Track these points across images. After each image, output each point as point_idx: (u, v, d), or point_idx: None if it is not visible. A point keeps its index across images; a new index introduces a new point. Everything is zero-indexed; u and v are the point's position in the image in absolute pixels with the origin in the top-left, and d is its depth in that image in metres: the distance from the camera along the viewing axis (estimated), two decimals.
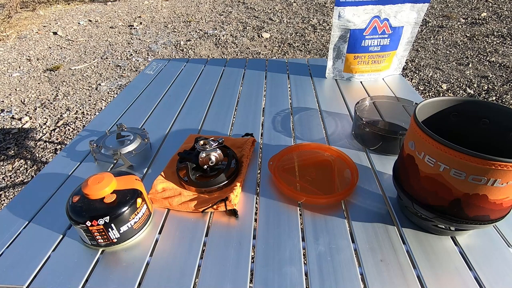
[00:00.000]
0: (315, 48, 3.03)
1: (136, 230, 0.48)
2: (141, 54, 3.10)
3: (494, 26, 3.26)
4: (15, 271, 0.44)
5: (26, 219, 0.53)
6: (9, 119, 2.16)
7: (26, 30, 3.85)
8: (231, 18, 4.02)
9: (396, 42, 0.93)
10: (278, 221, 0.51)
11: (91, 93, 2.45)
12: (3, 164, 1.77)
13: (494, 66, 2.52)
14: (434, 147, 0.40)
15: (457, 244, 0.47)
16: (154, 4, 4.82)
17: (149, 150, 0.70)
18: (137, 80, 1.05)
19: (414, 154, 0.44)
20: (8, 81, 2.69)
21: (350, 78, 1.00)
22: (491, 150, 0.36)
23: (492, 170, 0.36)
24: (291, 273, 0.43)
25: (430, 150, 0.41)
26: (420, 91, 2.26)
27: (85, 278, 0.43)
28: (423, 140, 0.41)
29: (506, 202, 0.40)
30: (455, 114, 0.50)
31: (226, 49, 3.12)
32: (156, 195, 0.56)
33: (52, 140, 1.95)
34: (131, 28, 3.82)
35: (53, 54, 3.19)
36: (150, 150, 0.70)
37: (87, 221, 0.43)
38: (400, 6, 0.87)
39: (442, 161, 0.39)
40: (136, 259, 0.46)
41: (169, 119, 0.82)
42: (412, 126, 0.45)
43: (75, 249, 0.48)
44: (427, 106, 0.49)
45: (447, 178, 0.40)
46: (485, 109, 0.48)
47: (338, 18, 0.89)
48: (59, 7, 4.78)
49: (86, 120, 2.12)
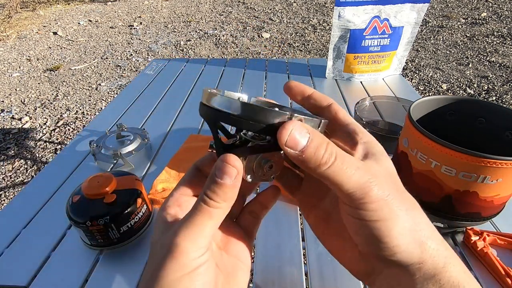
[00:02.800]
0: (315, 48, 3.04)
1: (136, 230, 0.48)
2: (141, 54, 3.10)
3: (494, 26, 3.26)
4: (15, 271, 0.44)
5: (26, 219, 0.53)
6: (9, 119, 2.16)
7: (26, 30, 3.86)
8: (231, 18, 4.02)
9: (396, 42, 0.93)
10: (278, 221, 0.51)
11: (91, 93, 2.45)
12: (3, 164, 1.77)
13: (494, 66, 2.52)
14: (426, 144, 0.40)
15: (457, 244, 0.47)
16: (154, 4, 4.82)
17: (149, 150, 0.70)
18: (137, 80, 1.05)
19: (407, 151, 0.44)
20: (8, 81, 2.69)
21: (350, 78, 1.00)
22: (487, 149, 0.37)
23: (482, 167, 0.36)
24: (291, 273, 0.43)
25: (422, 147, 0.41)
26: (420, 91, 2.26)
27: (85, 278, 0.43)
28: (416, 137, 0.42)
29: (497, 200, 0.40)
30: (451, 113, 0.50)
31: (226, 49, 3.12)
32: (156, 195, 0.56)
33: (52, 140, 1.95)
34: (131, 28, 3.83)
35: (53, 54, 3.19)
36: (150, 150, 0.70)
37: (87, 221, 0.43)
38: (400, 6, 0.87)
39: (433, 158, 0.40)
40: (136, 259, 0.46)
41: (169, 119, 0.82)
42: (406, 124, 0.45)
43: (75, 249, 0.48)
44: (423, 105, 0.49)
45: (438, 175, 0.40)
46: (481, 109, 0.48)
47: (338, 18, 0.89)
48: (59, 7, 4.78)
49: (86, 120, 2.12)
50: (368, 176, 0.18)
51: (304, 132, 0.18)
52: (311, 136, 0.18)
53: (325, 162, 0.18)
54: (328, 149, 0.18)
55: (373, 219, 0.19)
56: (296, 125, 0.18)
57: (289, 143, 0.18)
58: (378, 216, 0.18)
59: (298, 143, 0.18)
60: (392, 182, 0.21)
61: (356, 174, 0.18)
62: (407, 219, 0.19)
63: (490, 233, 0.45)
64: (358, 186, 0.18)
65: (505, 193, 0.40)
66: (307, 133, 0.18)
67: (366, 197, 0.18)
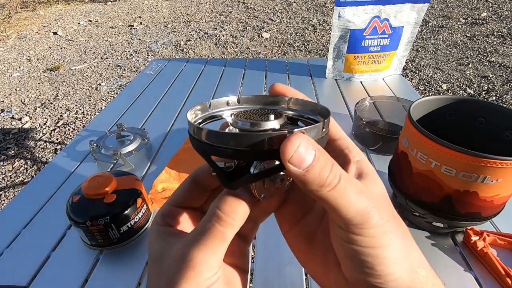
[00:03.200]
0: (315, 48, 3.03)
1: (136, 230, 0.48)
2: (141, 54, 3.10)
3: (494, 26, 3.26)
4: (15, 271, 0.44)
5: (26, 219, 0.53)
6: (9, 119, 2.16)
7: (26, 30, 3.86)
8: (231, 18, 4.02)
9: (396, 42, 0.93)
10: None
11: (91, 93, 2.45)
12: (3, 164, 1.77)
13: (494, 66, 2.52)
14: (426, 144, 0.40)
15: (457, 244, 0.47)
16: (154, 4, 4.82)
17: (149, 150, 0.70)
18: (137, 80, 1.05)
19: (407, 151, 0.44)
20: (8, 81, 2.69)
21: (350, 78, 1.00)
22: (487, 149, 0.37)
23: (482, 167, 0.36)
24: (291, 273, 0.43)
25: (422, 147, 0.41)
26: (420, 91, 2.26)
27: (85, 278, 0.43)
28: (416, 137, 0.42)
29: (497, 200, 0.40)
30: (451, 113, 0.50)
31: (226, 49, 3.12)
32: (156, 195, 0.56)
33: (52, 140, 1.95)
34: (131, 28, 3.83)
35: (53, 54, 3.19)
36: (150, 150, 0.70)
37: (87, 221, 0.43)
38: (400, 6, 0.87)
39: (434, 158, 0.40)
40: (136, 259, 0.46)
41: (169, 119, 0.82)
42: (406, 124, 0.45)
43: (75, 249, 0.48)
44: (423, 105, 0.49)
45: (438, 175, 0.41)
46: (481, 109, 0.48)
47: (338, 18, 0.89)
48: (59, 7, 4.78)
49: (86, 120, 2.12)
50: (369, 201, 0.17)
51: (310, 149, 0.16)
52: (317, 154, 0.16)
53: (328, 184, 0.16)
54: (333, 170, 0.17)
55: (369, 246, 0.18)
56: (302, 139, 0.16)
57: (293, 160, 0.16)
58: (375, 243, 0.17)
59: (303, 161, 0.16)
60: (389, 207, 0.19)
61: (358, 198, 0.17)
62: (401, 246, 0.18)
63: (490, 233, 0.45)
64: (359, 211, 0.17)
65: (505, 193, 0.40)
66: (312, 150, 0.16)
67: (365, 224, 0.17)
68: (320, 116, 0.22)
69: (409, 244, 0.19)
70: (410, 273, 0.18)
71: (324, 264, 0.22)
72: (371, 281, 0.18)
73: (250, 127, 0.19)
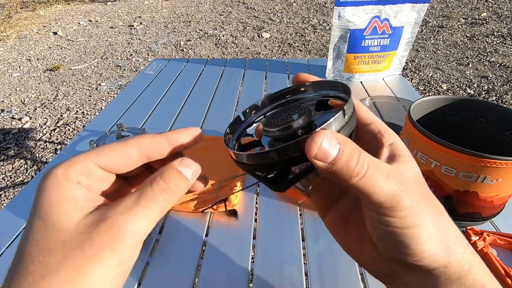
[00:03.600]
0: (315, 48, 3.04)
1: None
2: (141, 54, 3.10)
3: (494, 26, 3.26)
4: None
5: (26, 219, 0.53)
6: (9, 119, 2.16)
7: (26, 30, 3.86)
8: (231, 18, 4.03)
9: (396, 42, 0.93)
10: (278, 221, 0.51)
11: (91, 93, 2.45)
12: (3, 164, 1.77)
13: (494, 66, 2.52)
14: (426, 144, 0.40)
15: None
16: (154, 4, 4.82)
17: None
18: (137, 80, 1.06)
19: None
20: (8, 81, 2.69)
21: (350, 78, 1.00)
22: (487, 149, 0.37)
23: (482, 167, 0.36)
24: (291, 273, 0.43)
25: (422, 147, 0.41)
26: (420, 91, 2.26)
27: None
28: (416, 136, 0.42)
29: (497, 200, 0.40)
30: (451, 113, 0.50)
31: (226, 49, 3.12)
32: None
33: (52, 140, 1.95)
34: (131, 28, 3.83)
35: (53, 54, 3.20)
36: None
37: None
38: (400, 6, 0.87)
39: (434, 158, 0.40)
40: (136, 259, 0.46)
41: (169, 119, 0.82)
42: (406, 124, 0.45)
43: None
44: (423, 105, 0.49)
45: (438, 175, 0.41)
46: (481, 109, 0.48)
47: (338, 18, 0.89)
48: (59, 7, 4.78)
49: (86, 120, 2.12)
50: (399, 185, 0.18)
51: (334, 142, 0.17)
52: (342, 147, 0.17)
53: (357, 174, 0.17)
54: (360, 160, 0.17)
55: (402, 226, 0.18)
56: (324, 135, 0.17)
57: (318, 156, 0.17)
58: (407, 223, 0.18)
59: (328, 155, 0.17)
60: (421, 188, 0.20)
61: (387, 183, 0.18)
62: (435, 224, 0.19)
63: (490, 233, 0.45)
64: (389, 195, 0.18)
65: (505, 193, 0.40)
66: (337, 143, 0.17)
67: (396, 206, 0.18)
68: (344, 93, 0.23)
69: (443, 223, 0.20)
70: (445, 250, 0.19)
71: (360, 242, 0.23)
72: (406, 259, 0.19)
73: (280, 133, 0.21)
